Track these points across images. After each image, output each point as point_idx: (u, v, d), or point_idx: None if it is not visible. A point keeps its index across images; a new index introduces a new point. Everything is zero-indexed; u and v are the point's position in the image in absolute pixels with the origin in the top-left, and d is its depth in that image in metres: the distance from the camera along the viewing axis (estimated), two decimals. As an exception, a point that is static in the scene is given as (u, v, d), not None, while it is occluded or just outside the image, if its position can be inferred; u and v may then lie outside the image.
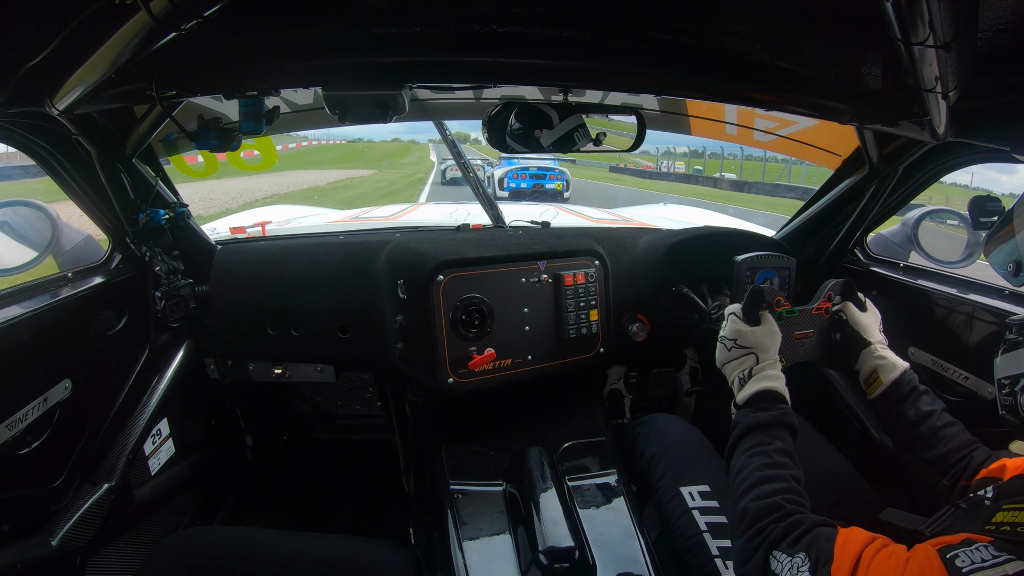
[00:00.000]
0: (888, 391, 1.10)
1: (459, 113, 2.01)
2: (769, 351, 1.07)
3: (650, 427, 1.49)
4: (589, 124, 1.27)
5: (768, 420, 0.99)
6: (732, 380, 1.09)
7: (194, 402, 1.80)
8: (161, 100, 1.01)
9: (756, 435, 0.98)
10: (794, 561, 0.77)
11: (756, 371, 1.05)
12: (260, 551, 1.13)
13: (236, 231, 1.96)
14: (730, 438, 1.02)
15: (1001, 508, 0.74)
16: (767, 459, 0.94)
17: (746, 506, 0.89)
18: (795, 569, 0.77)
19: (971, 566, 0.63)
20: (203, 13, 0.65)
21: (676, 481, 1.30)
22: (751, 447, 0.97)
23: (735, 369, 1.08)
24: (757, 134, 2.06)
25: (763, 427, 0.98)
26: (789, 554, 0.79)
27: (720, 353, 1.12)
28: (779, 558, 0.79)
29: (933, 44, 0.67)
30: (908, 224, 1.81)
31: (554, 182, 13.11)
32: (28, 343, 1.14)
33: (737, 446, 1.00)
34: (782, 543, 0.81)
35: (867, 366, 1.15)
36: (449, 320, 1.36)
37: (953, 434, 1.04)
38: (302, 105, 1.80)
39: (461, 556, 1.13)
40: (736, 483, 0.95)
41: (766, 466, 0.93)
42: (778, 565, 0.79)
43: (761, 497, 0.89)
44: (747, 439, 0.98)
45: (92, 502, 1.28)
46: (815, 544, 0.78)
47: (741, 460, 0.97)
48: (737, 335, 1.09)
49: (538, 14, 0.91)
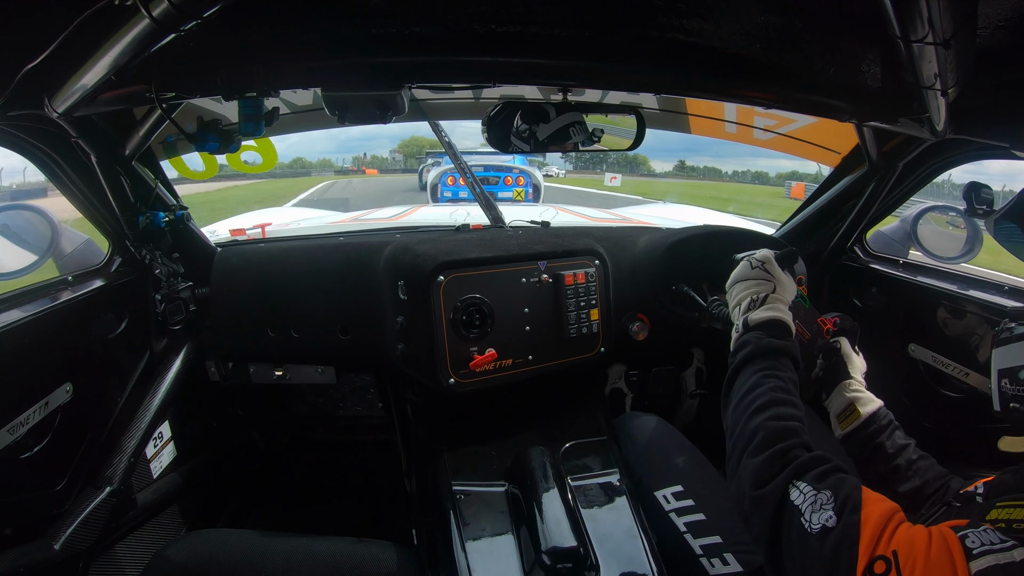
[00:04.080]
0: (865, 423, 1.10)
1: (458, 113, 2.01)
2: (787, 292, 1.06)
3: (619, 431, 1.49)
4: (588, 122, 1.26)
5: (782, 348, 0.97)
6: (743, 299, 1.07)
7: (195, 405, 1.80)
8: (160, 102, 1.01)
9: (770, 359, 0.95)
10: (819, 497, 0.73)
11: (772, 299, 1.04)
12: (262, 553, 1.12)
13: (236, 233, 1.96)
14: (737, 356, 0.99)
15: (995, 506, 0.73)
16: (782, 383, 0.91)
17: (762, 424, 0.84)
18: (819, 505, 0.72)
19: (981, 547, 0.63)
20: (202, 14, 0.65)
21: (650, 485, 1.30)
22: (764, 369, 0.94)
23: (751, 288, 1.07)
24: (756, 132, 2.06)
25: (777, 353, 0.96)
26: (815, 488, 0.74)
27: (742, 269, 1.11)
28: (802, 489, 0.74)
29: (932, 41, 0.67)
30: (907, 221, 1.81)
31: (510, 188, 8.54)
32: (29, 347, 1.13)
33: (747, 365, 0.96)
34: (808, 475, 0.76)
35: (842, 399, 1.14)
36: (450, 320, 1.36)
37: (928, 466, 1.03)
38: (302, 106, 1.80)
39: (464, 557, 1.13)
40: (746, 399, 0.90)
41: (781, 390, 0.89)
42: (799, 496, 0.74)
43: (781, 418, 0.84)
44: (759, 361, 0.95)
45: (94, 506, 1.27)
46: (843, 487, 0.73)
47: (753, 379, 0.93)
48: (767, 261, 1.09)
49: (537, 13, 0.91)
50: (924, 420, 1.55)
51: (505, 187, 8.53)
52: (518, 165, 8.70)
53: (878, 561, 0.66)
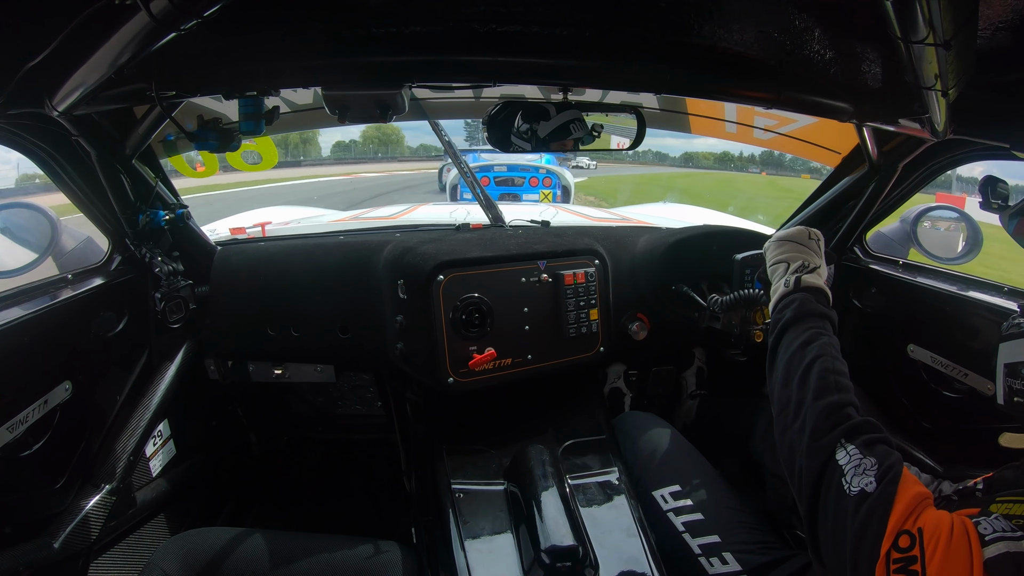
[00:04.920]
0: None
1: (458, 113, 2.01)
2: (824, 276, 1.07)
3: (618, 429, 1.49)
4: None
5: (831, 316, 0.98)
6: (794, 259, 1.08)
7: (194, 403, 1.80)
8: (161, 100, 1.01)
9: (820, 321, 0.96)
10: (864, 462, 0.74)
11: (819, 272, 1.05)
12: (262, 552, 1.13)
13: (236, 232, 1.96)
14: (785, 313, 0.99)
15: (995, 500, 0.73)
16: (833, 345, 0.91)
17: (819, 374, 0.85)
18: (863, 470, 0.73)
19: (993, 534, 0.65)
20: (203, 13, 0.65)
21: (648, 485, 1.30)
22: (816, 328, 0.94)
23: (803, 253, 1.08)
24: (757, 132, 2.06)
25: (826, 319, 0.97)
26: (862, 453, 0.75)
27: (798, 233, 1.12)
28: (849, 451, 0.75)
29: (933, 42, 0.67)
30: (907, 221, 1.82)
31: (536, 189, 7.70)
32: (28, 345, 1.13)
33: (798, 323, 0.96)
34: (858, 438, 0.77)
35: None
36: (449, 320, 1.36)
37: (916, 474, 1.03)
38: (302, 105, 1.80)
39: (463, 556, 1.13)
40: (801, 352, 0.91)
41: (834, 348, 0.90)
42: (845, 457, 0.75)
43: (836, 373, 0.85)
44: (811, 320, 0.96)
45: (93, 504, 1.27)
46: (888, 458, 0.74)
47: (807, 335, 0.93)
48: (820, 240, 1.11)
49: (537, 13, 0.91)
50: (923, 420, 1.55)
51: (531, 188, 7.74)
52: (545, 164, 7.87)
53: (903, 535, 0.68)
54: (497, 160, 7.56)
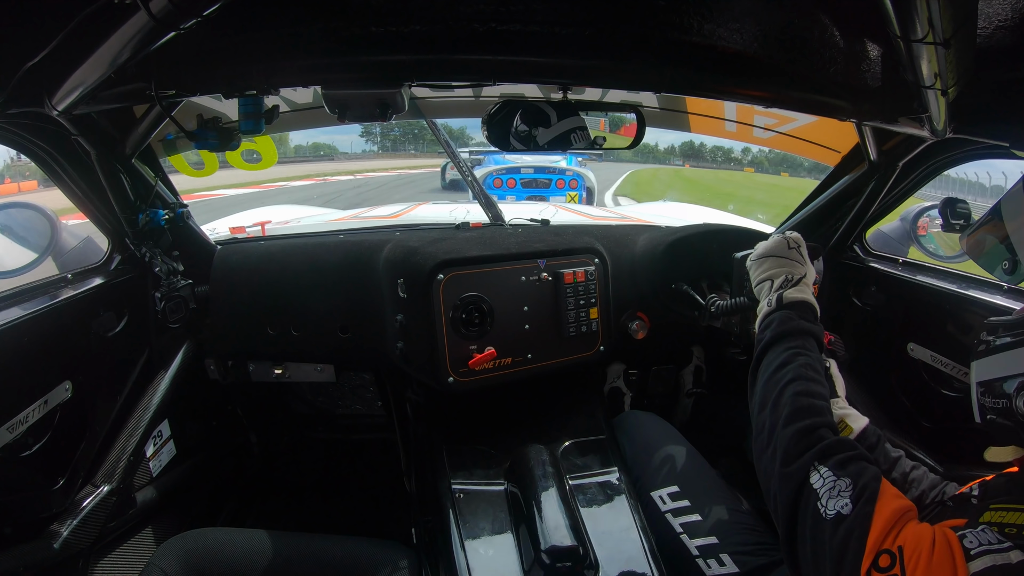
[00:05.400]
0: (857, 439, 1.07)
1: (458, 112, 2.01)
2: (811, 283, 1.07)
3: (618, 429, 1.49)
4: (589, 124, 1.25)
5: (813, 331, 0.98)
6: (777, 275, 1.07)
7: (195, 403, 1.80)
8: (160, 100, 1.01)
9: (800, 339, 0.96)
10: (838, 484, 0.73)
11: (804, 283, 1.05)
12: (262, 552, 1.13)
13: (236, 231, 1.96)
14: (766, 333, 1.00)
15: (988, 508, 0.73)
16: (811, 363, 0.91)
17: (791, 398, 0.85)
18: (837, 492, 0.72)
19: (979, 547, 0.63)
20: (202, 12, 0.65)
21: (646, 486, 1.30)
22: (795, 347, 0.94)
23: (785, 266, 1.07)
24: (756, 131, 2.06)
25: (807, 335, 0.97)
26: (835, 474, 0.74)
27: (776, 245, 1.11)
28: (823, 473, 0.75)
29: (932, 41, 0.67)
30: (907, 220, 1.82)
31: (563, 191, 7.68)
32: (28, 345, 1.13)
33: (778, 342, 0.97)
34: (830, 459, 0.76)
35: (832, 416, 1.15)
36: (449, 319, 1.36)
37: (922, 475, 1.01)
38: (302, 104, 1.80)
39: (463, 556, 1.13)
40: (777, 375, 0.91)
41: (811, 368, 0.90)
42: (819, 480, 0.74)
43: (809, 395, 0.85)
44: (791, 339, 0.96)
45: (94, 504, 1.27)
46: (863, 476, 0.73)
47: (784, 355, 0.93)
48: (802, 244, 1.10)
49: (537, 12, 0.91)
50: (923, 420, 1.55)
51: (557, 190, 7.70)
52: (571, 167, 7.84)
53: (883, 555, 0.66)
54: (524, 162, 7.48)
